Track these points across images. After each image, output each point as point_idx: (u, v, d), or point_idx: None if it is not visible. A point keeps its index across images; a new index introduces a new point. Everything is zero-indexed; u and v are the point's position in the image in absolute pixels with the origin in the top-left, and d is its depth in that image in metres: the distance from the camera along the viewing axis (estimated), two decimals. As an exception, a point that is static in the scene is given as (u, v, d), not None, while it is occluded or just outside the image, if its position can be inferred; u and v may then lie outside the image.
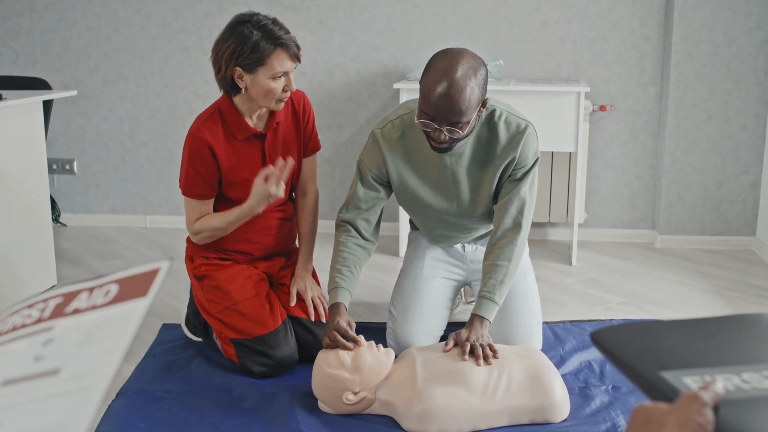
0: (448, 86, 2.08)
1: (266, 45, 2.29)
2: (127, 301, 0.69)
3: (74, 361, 0.63)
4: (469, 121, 2.14)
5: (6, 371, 0.65)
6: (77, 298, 0.72)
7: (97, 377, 0.60)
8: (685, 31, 3.76)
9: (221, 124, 2.42)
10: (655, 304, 3.16)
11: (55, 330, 0.68)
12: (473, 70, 2.11)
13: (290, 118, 2.54)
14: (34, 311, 0.73)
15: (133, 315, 0.66)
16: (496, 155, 2.32)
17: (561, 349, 2.63)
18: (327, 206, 4.19)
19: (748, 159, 3.87)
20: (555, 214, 4.00)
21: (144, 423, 2.15)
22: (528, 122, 2.33)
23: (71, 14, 4.18)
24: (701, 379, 0.76)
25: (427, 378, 2.12)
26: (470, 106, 2.11)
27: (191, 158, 2.41)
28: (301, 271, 2.61)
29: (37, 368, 0.64)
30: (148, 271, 0.71)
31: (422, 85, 2.14)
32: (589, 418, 2.18)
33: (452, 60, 2.11)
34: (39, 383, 0.62)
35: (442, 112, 2.10)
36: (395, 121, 2.36)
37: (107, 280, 0.73)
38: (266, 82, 2.32)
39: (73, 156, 4.34)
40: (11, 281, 3.05)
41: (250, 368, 2.43)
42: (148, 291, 0.69)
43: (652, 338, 0.85)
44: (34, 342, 0.68)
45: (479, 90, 2.13)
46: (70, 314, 0.70)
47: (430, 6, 3.99)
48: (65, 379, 0.61)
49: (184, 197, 2.48)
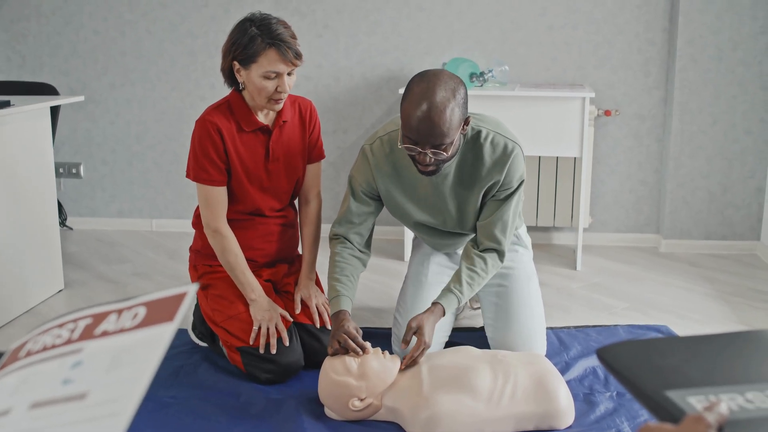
0: (427, 109, 2.08)
1: (260, 42, 2.31)
2: (154, 325, 0.70)
3: (101, 386, 0.64)
4: (452, 141, 2.14)
5: (35, 393, 0.66)
6: (106, 320, 0.73)
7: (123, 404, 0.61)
8: (690, 35, 3.77)
9: (230, 115, 2.46)
10: (660, 309, 3.16)
11: (84, 352, 0.69)
12: (452, 90, 2.12)
13: (297, 122, 2.57)
14: (64, 332, 0.74)
15: (160, 340, 0.67)
16: (481, 176, 2.32)
17: (566, 355, 2.64)
18: (331, 210, 4.20)
19: (753, 164, 3.87)
20: (560, 219, 4.00)
21: (151, 429, 2.15)
22: (515, 143, 2.31)
23: (78, 18, 4.20)
24: (706, 399, 0.77)
25: (432, 384, 2.13)
26: (452, 126, 2.11)
27: (201, 142, 2.42)
28: (305, 279, 2.62)
29: (65, 391, 0.65)
30: (175, 295, 0.72)
31: (402, 110, 2.15)
32: (593, 425, 2.19)
33: (430, 83, 2.12)
34: (67, 407, 0.63)
35: (423, 135, 2.11)
36: (384, 137, 2.37)
37: (136, 303, 0.74)
38: (258, 80, 2.34)
39: (80, 160, 4.35)
40: (18, 284, 3.07)
41: (257, 375, 2.44)
42: (175, 316, 0.70)
43: (657, 356, 0.86)
44: (63, 364, 0.68)
45: (459, 110, 2.13)
46: (98, 336, 0.71)
47: (435, 10, 4.00)
48: (92, 404, 0.62)
49: (197, 188, 2.48)
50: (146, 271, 3.64)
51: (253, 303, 2.47)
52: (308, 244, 2.67)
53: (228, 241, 2.48)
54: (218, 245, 2.49)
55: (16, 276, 3.05)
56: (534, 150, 3.60)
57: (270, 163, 2.51)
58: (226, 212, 2.49)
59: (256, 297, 2.48)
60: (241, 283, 2.49)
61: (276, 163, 2.52)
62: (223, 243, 2.48)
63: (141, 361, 0.66)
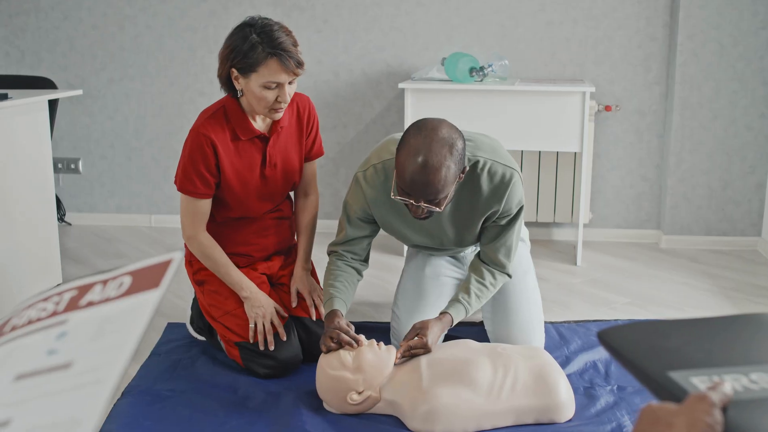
0: (423, 166, 2.03)
1: (261, 51, 2.21)
2: (139, 293, 0.68)
3: (86, 355, 0.63)
4: (446, 195, 2.11)
5: (19, 366, 0.65)
6: (91, 291, 0.72)
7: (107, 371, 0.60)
8: (690, 30, 3.76)
9: (226, 123, 2.37)
10: (660, 305, 3.15)
11: (69, 323, 0.68)
12: (449, 146, 2.06)
13: (294, 123, 2.51)
14: (49, 304, 0.73)
15: (146, 307, 0.66)
16: (480, 205, 2.29)
17: (566, 350, 2.63)
18: (331, 206, 4.19)
19: (753, 159, 3.86)
20: (560, 215, 3.99)
21: (149, 422, 2.15)
22: (513, 170, 2.26)
23: (77, 13, 4.19)
24: (709, 380, 0.76)
25: (432, 378, 2.12)
26: (447, 183, 2.07)
27: (192, 154, 2.35)
28: (300, 270, 2.60)
29: (49, 362, 0.64)
30: (161, 262, 0.71)
31: (397, 161, 2.10)
32: (594, 419, 2.18)
33: (426, 137, 2.05)
34: (51, 377, 0.62)
35: (417, 191, 2.07)
36: (378, 165, 2.31)
37: (121, 272, 0.73)
38: (258, 90, 2.26)
39: (79, 155, 4.34)
40: (16, 280, 3.05)
41: (255, 370, 2.43)
42: (161, 282, 0.68)
43: (659, 338, 0.85)
44: (48, 335, 0.67)
45: (456, 166, 2.08)
46: (84, 307, 0.70)
47: (434, 6, 3.99)
48: (77, 373, 0.61)
49: (180, 196, 2.42)
50: (145, 267, 3.62)
51: (246, 300, 2.45)
52: (304, 233, 2.65)
53: (206, 247, 2.44)
54: (198, 252, 2.46)
55: (15, 271, 3.03)
56: (534, 145, 3.59)
57: (267, 169, 2.46)
58: (206, 222, 2.45)
59: (248, 294, 2.45)
60: (231, 283, 2.46)
61: (273, 169, 2.47)
62: (202, 249, 2.45)
63: (126, 328, 0.64)
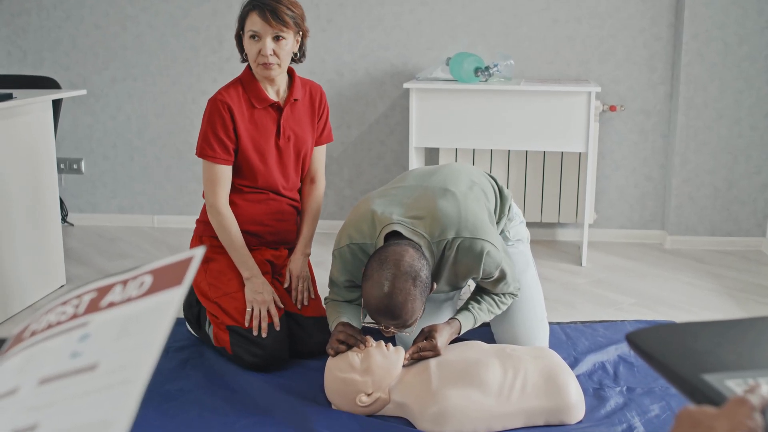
0: (388, 300, 2.05)
1: (247, 6, 2.47)
2: (162, 291, 0.67)
3: (112, 355, 0.61)
4: (415, 319, 2.12)
5: (42, 369, 0.63)
6: (111, 292, 0.70)
7: (135, 370, 0.59)
8: (695, 30, 3.75)
9: (242, 92, 2.53)
10: (666, 305, 3.14)
11: (91, 325, 0.66)
12: (412, 279, 2.06)
13: (307, 102, 2.64)
14: (69, 308, 0.71)
15: (170, 304, 0.64)
16: (459, 277, 2.30)
17: (573, 350, 2.61)
18: (335, 206, 4.18)
19: (759, 159, 3.85)
20: (565, 215, 3.98)
21: (158, 422, 2.13)
22: (483, 242, 2.20)
23: (79, 12, 4.17)
24: (744, 382, 0.75)
25: (441, 379, 2.11)
26: (414, 312, 2.09)
27: (211, 119, 2.49)
28: (299, 254, 2.65)
29: (74, 364, 0.62)
30: (182, 260, 0.70)
31: (364, 293, 2.11)
32: (604, 420, 2.16)
33: (389, 271, 2.05)
34: (77, 379, 0.60)
35: (385, 320, 2.10)
36: (353, 246, 2.26)
37: (141, 272, 0.71)
38: (247, 43, 2.49)
39: (81, 155, 4.33)
40: (20, 280, 3.04)
41: (242, 357, 2.44)
42: (183, 279, 0.67)
43: (689, 340, 0.84)
44: (69, 338, 0.66)
45: (421, 295, 2.09)
46: (105, 308, 0.68)
47: (438, 4, 3.97)
48: (104, 374, 0.59)
49: (202, 164, 2.55)
50: (148, 267, 3.61)
51: (247, 282, 2.49)
52: (308, 218, 2.71)
53: (225, 219, 2.51)
54: (215, 222, 2.53)
55: (18, 272, 3.02)
56: (539, 145, 3.58)
57: (281, 140, 2.57)
58: (227, 192, 2.54)
59: (250, 276, 2.50)
60: (237, 261, 2.52)
61: (287, 142, 2.59)
62: (220, 220, 2.52)
63: (151, 327, 0.63)
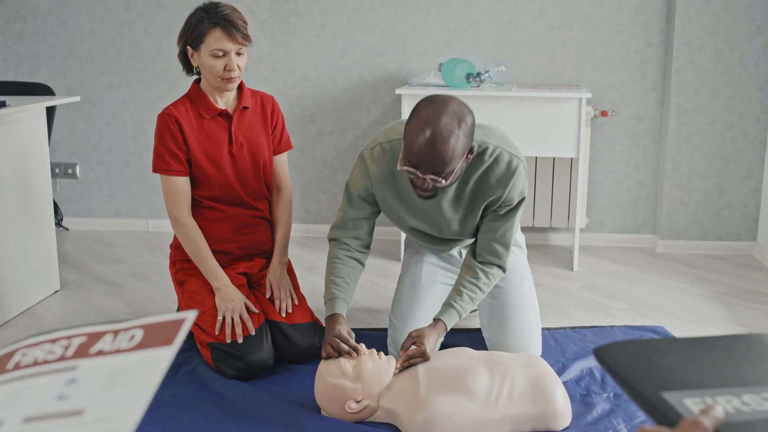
0: (431, 137, 2.02)
1: (207, 23, 2.45)
2: (151, 348, 0.69)
3: (98, 404, 0.63)
4: (453, 170, 2.09)
5: (28, 407, 0.65)
6: (102, 340, 0.72)
7: (121, 423, 0.60)
8: (687, 36, 3.77)
9: (189, 105, 2.57)
10: (657, 310, 3.16)
11: (79, 370, 0.68)
12: (458, 119, 2.05)
13: (258, 110, 2.66)
14: (57, 348, 0.72)
15: (159, 363, 0.66)
16: (483, 192, 2.28)
17: (562, 356, 2.63)
18: (328, 211, 4.20)
19: (750, 164, 3.87)
20: (556, 220, 4.00)
21: (151, 427, 2.15)
22: (520, 160, 2.27)
23: (74, 19, 4.19)
24: (702, 401, 0.77)
25: (429, 386, 2.13)
26: (454, 156, 2.05)
27: (160, 134, 2.52)
28: (276, 263, 2.68)
29: (60, 407, 0.63)
30: (174, 320, 0.71)
31: (406, 132, 2.09)
32: (590, 426, 2.19)
33: (437, 109, 2.05)
34: (62, 422, 0.61)
35: (424, 162, 2.05)
36: (385, 144, 2.31)
37: (133, 325, 0.73)
38: (207, 60, 2.47)
39: (76, 160, 4.35)
40: (14, 285, 3.06)
41: (224, 371, 2.47)
42: (174, 340, 0.69)
43: (655, 357, 0.86)
44: (57, 380, 0.67)
45: (465, 139, 2.07)
46: (93, 355, 0.70)
47: (433, 11, 4.00)
48: (89, 421, 0.61)
49: (160, 179, 2.58)
50: (142, 272, 3.63)
51: (217, 291, 2.52)
52: (280, 227, 2.72)
53: (190, 230, 2.55)
54: (181, 234, 2.56)
55: (12, 277, 3.04)
56: (531, 150, 3.60)
57: (234, 148, 2.59)
58: (188, 203, 2.57)
59: (219, 285, 2.52)
60: (206, 271, 2.55)
61: (240, 148, 2.60)
62: (185, 232, 2.55)
63: (139, 382, 0.65)
